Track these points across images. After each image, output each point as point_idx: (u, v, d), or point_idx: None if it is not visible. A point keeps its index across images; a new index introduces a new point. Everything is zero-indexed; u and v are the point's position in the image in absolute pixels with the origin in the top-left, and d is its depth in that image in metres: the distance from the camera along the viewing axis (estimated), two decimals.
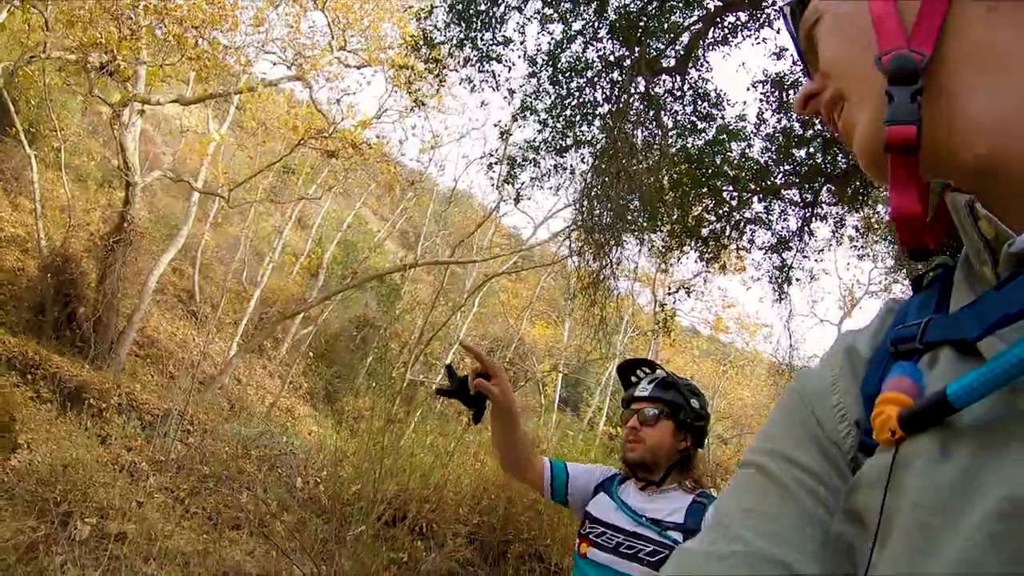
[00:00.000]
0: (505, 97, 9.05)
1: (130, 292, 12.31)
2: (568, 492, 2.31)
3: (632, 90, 8.16)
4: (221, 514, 6.49)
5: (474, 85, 9.02)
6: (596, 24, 8.28)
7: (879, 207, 10.30)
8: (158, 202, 19.72)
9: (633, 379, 2.37)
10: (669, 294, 10.72)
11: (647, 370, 2.38)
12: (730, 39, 8.55)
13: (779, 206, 9.46)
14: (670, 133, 8.68)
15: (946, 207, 0.58)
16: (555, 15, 8.44)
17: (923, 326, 0.55)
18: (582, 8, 8.31)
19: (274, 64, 20.19)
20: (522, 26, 9.27)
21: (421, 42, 9.31)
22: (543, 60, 8.66)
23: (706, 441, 2.31)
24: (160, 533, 5.58)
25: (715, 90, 8.72)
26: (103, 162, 17.32)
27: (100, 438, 7.29)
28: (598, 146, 8.76)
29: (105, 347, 11.14)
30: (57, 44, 10.90)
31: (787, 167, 8.98)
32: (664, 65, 8.56)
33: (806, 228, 9.41)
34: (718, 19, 8.41)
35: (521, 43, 13.69)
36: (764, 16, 8.16)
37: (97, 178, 17.55)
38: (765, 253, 9.79)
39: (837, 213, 9.65)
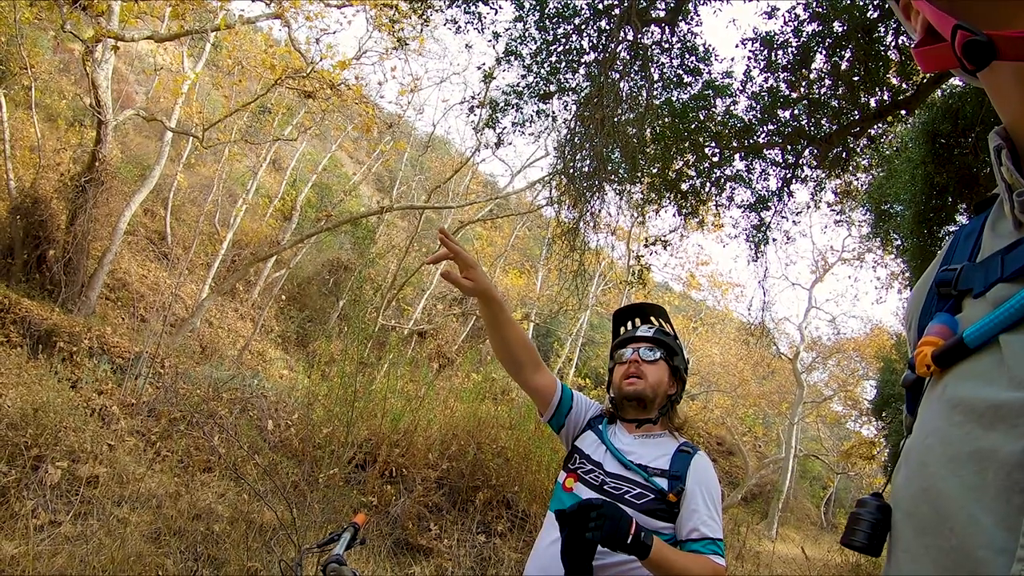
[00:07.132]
0: (490, 41, 8.90)
1: (101, 234, 12.07)
2: (566, 419, 2.35)
3: (620, 39, 8.03)
4: (192, 457, 6.46)
5: (459, 26, 8.87)
6: None
7: (859, 174, 10.34)
8: (130, 142, 19.33)
9: (629, 326, 2.48)
10: (646, 246, 10.69)
11: (639, 320, 2.48)
12: None
13: (760, 165, 9.47)
14: (656, 85, 8.59)
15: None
16: None
17: (957, 274, 0.71)
18: None
19: (252, 1, 19.59)
20: None
21: None
22: (531, 4, 8.51)
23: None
24: (131, 476, 5.55)
25: (704, 44, 8.64)
26: (74, 100, 16.90)
27: (71, 382, 7.18)
28: (582, 94, 8.66)
29: (75, 290, 10.96)
30: None
31: (771, 127, 8.95)
32: (654, 16, 8.43)
33: (786, 189, 9.42)
34: None
35: None
36: None
37: (68, 117, 17.12)
38: (743, 211, 9.82)
39: (817, 176, 9.68)
